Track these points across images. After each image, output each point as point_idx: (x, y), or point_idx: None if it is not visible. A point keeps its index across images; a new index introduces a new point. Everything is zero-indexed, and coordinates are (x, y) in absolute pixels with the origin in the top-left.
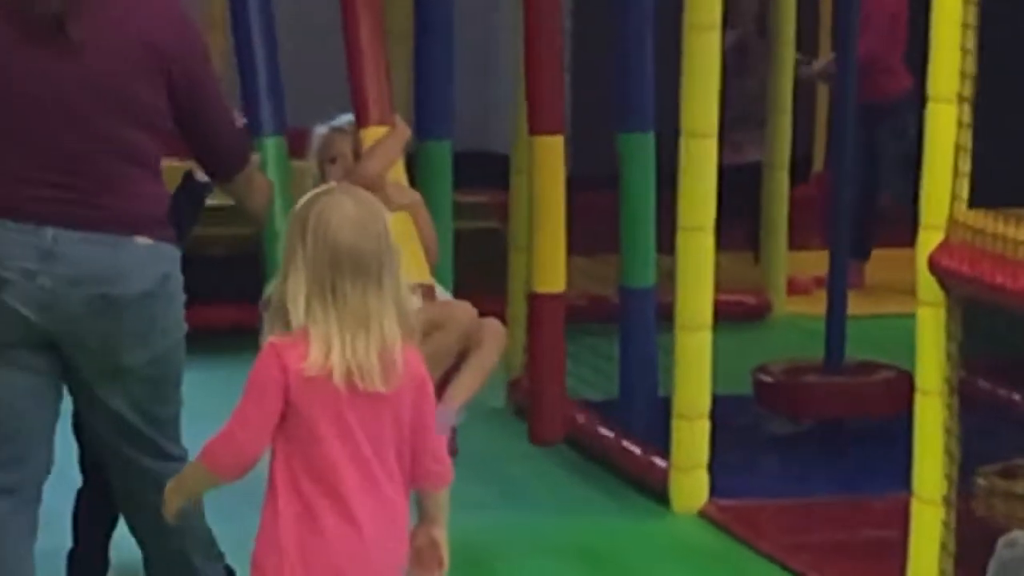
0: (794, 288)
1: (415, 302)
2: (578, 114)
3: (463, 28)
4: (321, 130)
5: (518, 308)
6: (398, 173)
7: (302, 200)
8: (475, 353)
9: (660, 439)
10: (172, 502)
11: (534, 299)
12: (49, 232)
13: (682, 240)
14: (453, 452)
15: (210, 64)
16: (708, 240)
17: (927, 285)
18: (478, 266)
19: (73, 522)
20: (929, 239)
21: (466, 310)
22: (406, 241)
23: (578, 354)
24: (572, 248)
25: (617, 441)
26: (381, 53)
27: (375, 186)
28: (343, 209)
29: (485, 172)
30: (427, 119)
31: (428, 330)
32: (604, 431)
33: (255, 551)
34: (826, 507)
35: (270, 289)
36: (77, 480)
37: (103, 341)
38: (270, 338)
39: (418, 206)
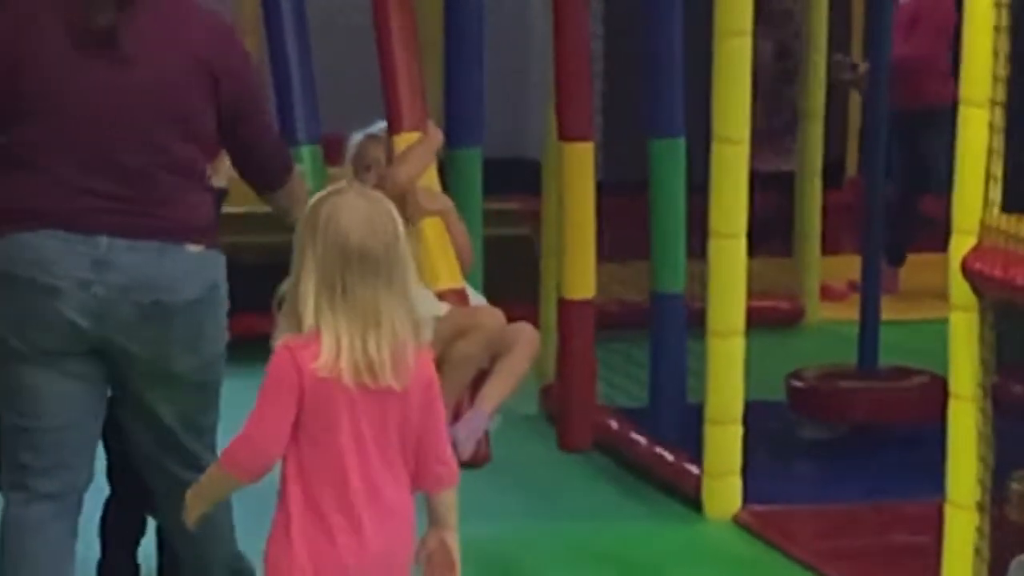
0: (828, 294)
1: (441, 308)
2: (609, 120)
3: (496, 33)
4: (356, 137)
5: (550, 315)
6: (431, 179)
7: (312, 200)
8: (506, 358)
9: (692, 444)
10: (194, 508)
11: (564, 305)
12: (103, 241)
13: (714, 246)
14: (486, 458)
15: (256, 78)
16: (740, 246)
17: (960, 289)
18: (510, 272)
19: (101, 532)
20: (962, 243)
21: (494, 316)
22: (439, 246)
23: (610, 360)
24: (603, 254)
25: (650, 447)
26: (414, 58)
27: (407, 191)
28: (353, 209)
29: (517, 178)
30: (457, 126)
31: (454, 336)
32: (636, 437)
33: (267, 553)
34: (860, 512)
35: (282, 289)
36: (105, 490)
37: (154, 348)
38: (283, 338)
39: (450, 212)
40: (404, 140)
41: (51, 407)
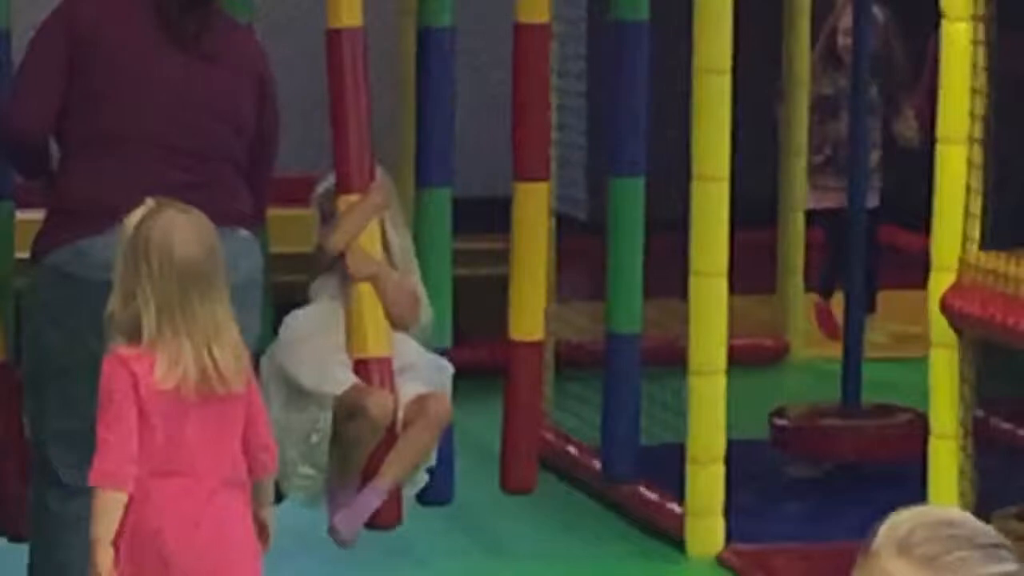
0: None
1: (341, 385)
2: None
3: (474, 71)
4: (323, 185)
5: None
6: (371, 239)
7: (131, 221)
8: (409, 432)
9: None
10: (101, 551)
11: (511, 346)
12: None
13: (695, 285)
14: (398, 521)
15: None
16: (721, 284)
17: (939, 327)
18: (485, 312)
19: None
20: (941, 281)
21: (381, 405)
22: (370, 313)
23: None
24: (597, 294)
25: (632, 487)
26: (365, 118)
27: (340, 256)
28: (182, 229)
29: (493, 217)
30: (427, 165)
31: (344, 418)
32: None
33: (120, 540)
34: (844, 551)
35: (111, 307)
36: None
37: None
38: (114, 348)
39: (381, 277)
40: (346, 202)
41: None
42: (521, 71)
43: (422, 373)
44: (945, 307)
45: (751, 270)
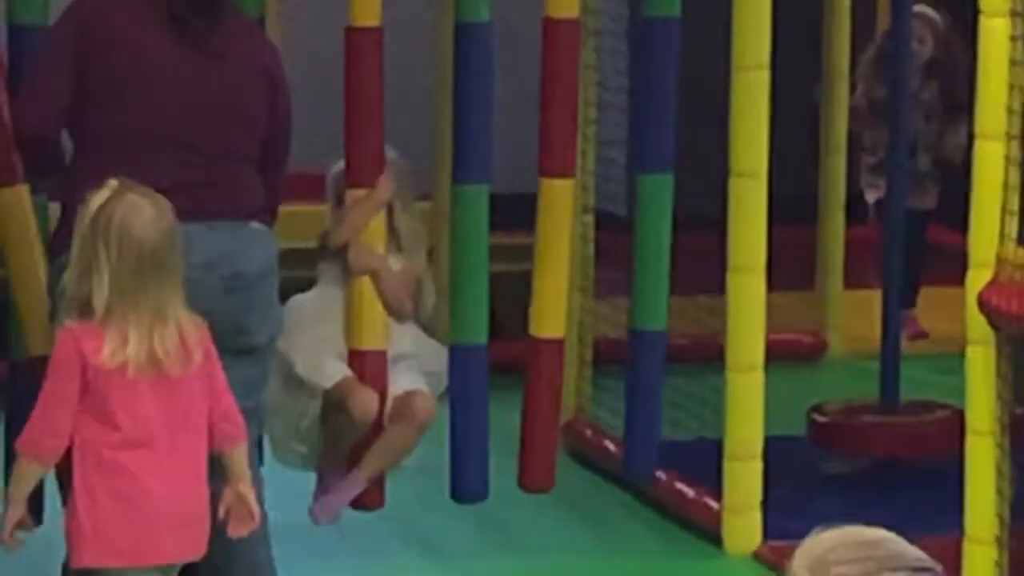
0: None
1: (332, 378)
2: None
3: (513, 66)
4: (335, 169)
5: (570, 350)
6: (375, 232)
7: (95, 201)
8: (392, 429)
9: (712, 480)
10: (12, 510)
11: (532, 343)
12: (179, 228)
13: (733, 281)
14: (380, 505)
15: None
16: (759, 281)
17: (976, 323)
18: (523, 308)
19: None
20: (978, 277)
21: (362, 407)
22: (368, 306)
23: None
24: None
25: (669, 482)
26: (377, 113)
27: (343, 249)
28: (142, 213)
29: (531, 213)
30: (465, 161)
31: (330, 407)
32: (656, 472)
33: (67, 520)
34: None
35: (64, 280)
36: None
37: (236, 320)
38: (67, 323)
39: (381, 273)
40: (353, 196)
41: None
42: (550, 66)
43: (421, 361)
44: (982, 304)
45: (791, 266)
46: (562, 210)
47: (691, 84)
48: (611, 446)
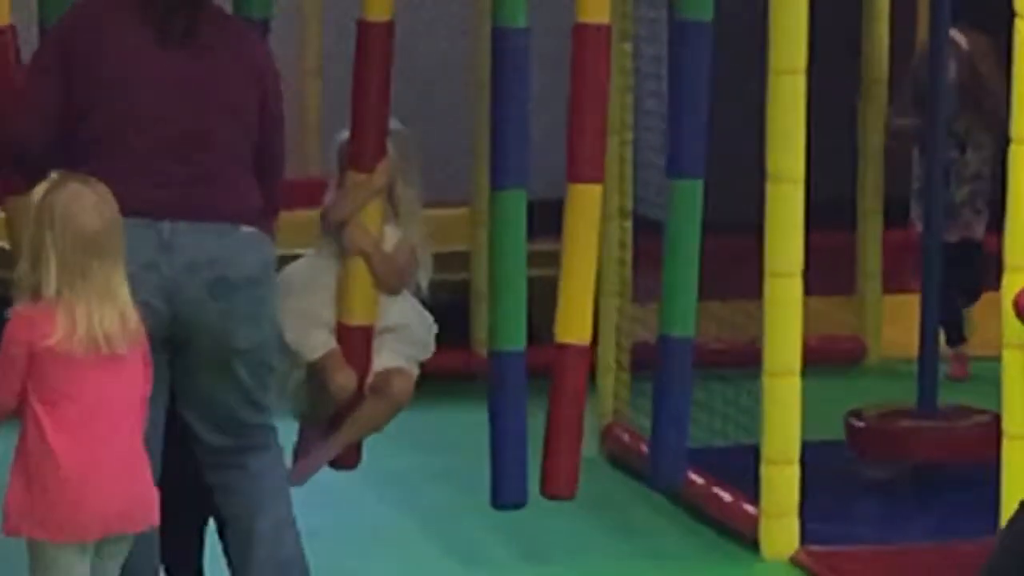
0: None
1: (316, 351)
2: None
3: (551, 71)
4: (342, 136)
5: (608, 354)
6: (372, 214)
7: (39, 190)
8: (368, 405)
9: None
10: None
11: (558, 349)
12: (166, 226)
13: (770, 286)
14: (357, 463)
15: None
16: (796, 285)
17: (1012, 327)
18: None
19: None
20: (1014, 281)
21: (341, 383)
22: (361, 283)
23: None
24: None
25: (707, 486)
26: (384, 102)
27: (341, 226)
28: (83, 199)
29: None
30: (503, 167)
31: (313, 377)
32: (693, 476)
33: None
34: (919, 553)
35: (19, 271)
36: None
37: (221, 324)
38: (17, 308)
39: (374, 255)
40: (353, 179)
41: None
42: (579, 71)
43: (408, 332)
44: (1018, 307)
45: (830, 271)
46: (589, 215)
47: (731, 87)
48: (648, 451)
